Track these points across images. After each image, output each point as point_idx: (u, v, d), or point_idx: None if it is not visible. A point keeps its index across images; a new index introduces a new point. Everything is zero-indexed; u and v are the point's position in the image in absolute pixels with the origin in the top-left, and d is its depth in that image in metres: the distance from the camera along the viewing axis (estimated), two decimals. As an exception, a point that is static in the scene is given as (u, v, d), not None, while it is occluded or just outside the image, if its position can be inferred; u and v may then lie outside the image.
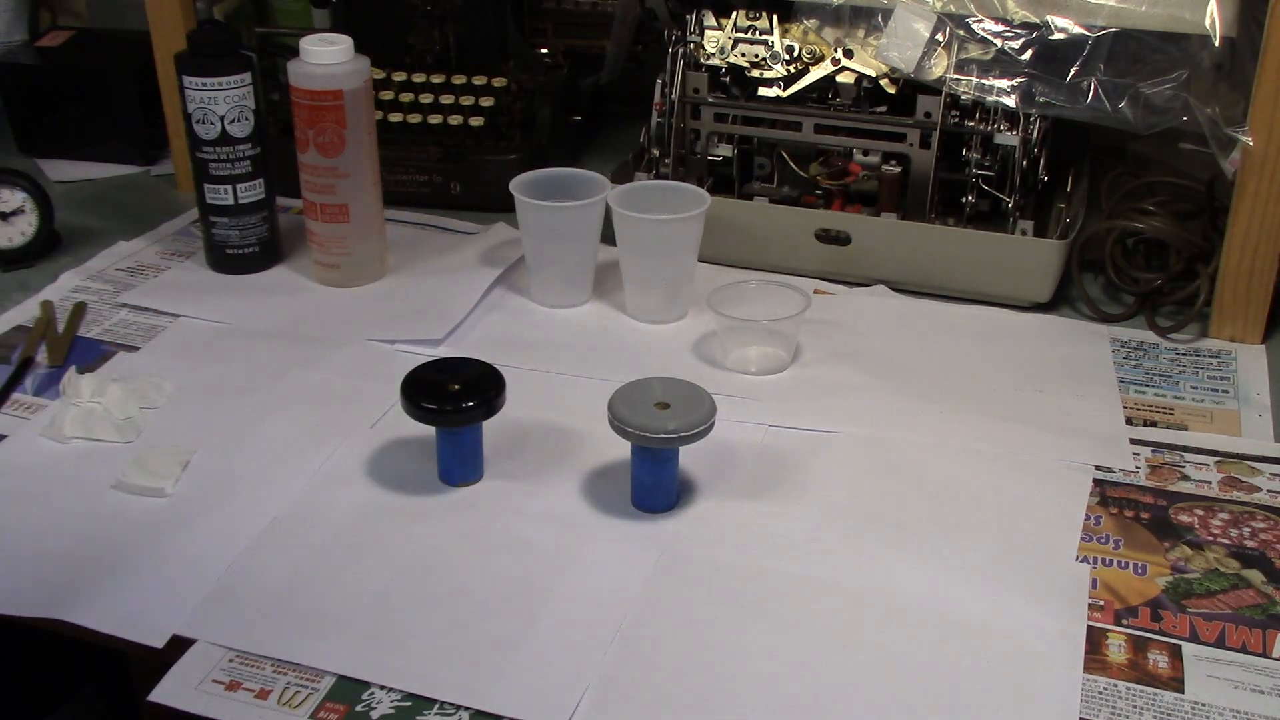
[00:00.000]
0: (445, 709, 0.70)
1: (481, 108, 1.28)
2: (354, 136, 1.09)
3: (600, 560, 0.81)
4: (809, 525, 0.84)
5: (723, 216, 1.13)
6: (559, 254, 1.10)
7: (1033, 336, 1.08)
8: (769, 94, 1.16)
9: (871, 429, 0.94)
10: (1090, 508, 0.87)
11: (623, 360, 1.03)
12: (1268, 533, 0.85)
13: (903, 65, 1.09)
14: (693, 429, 0.81)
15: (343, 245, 1.13)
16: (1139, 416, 0.97)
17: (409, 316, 1.08)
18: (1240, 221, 1.03)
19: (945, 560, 0.81)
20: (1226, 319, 1.07)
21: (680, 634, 0.75)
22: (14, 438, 0.93)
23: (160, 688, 0.71)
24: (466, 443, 0.87)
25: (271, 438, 0.92)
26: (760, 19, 1.15)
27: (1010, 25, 1.08)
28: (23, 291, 1.14)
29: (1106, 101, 1.06)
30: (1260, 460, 0.92)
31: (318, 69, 1.07)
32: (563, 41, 1.43)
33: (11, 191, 1.18)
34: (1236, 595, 0.79)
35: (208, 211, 1.14)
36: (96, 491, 0.87)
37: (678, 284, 1.08)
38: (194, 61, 1.09)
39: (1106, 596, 0.79)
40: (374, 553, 0.82)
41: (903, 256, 1.12)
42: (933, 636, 0.75)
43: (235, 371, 1.01)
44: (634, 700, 0.71)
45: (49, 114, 1.40)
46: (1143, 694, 0.72)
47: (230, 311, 1.10)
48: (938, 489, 0.88)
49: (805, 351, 1.04)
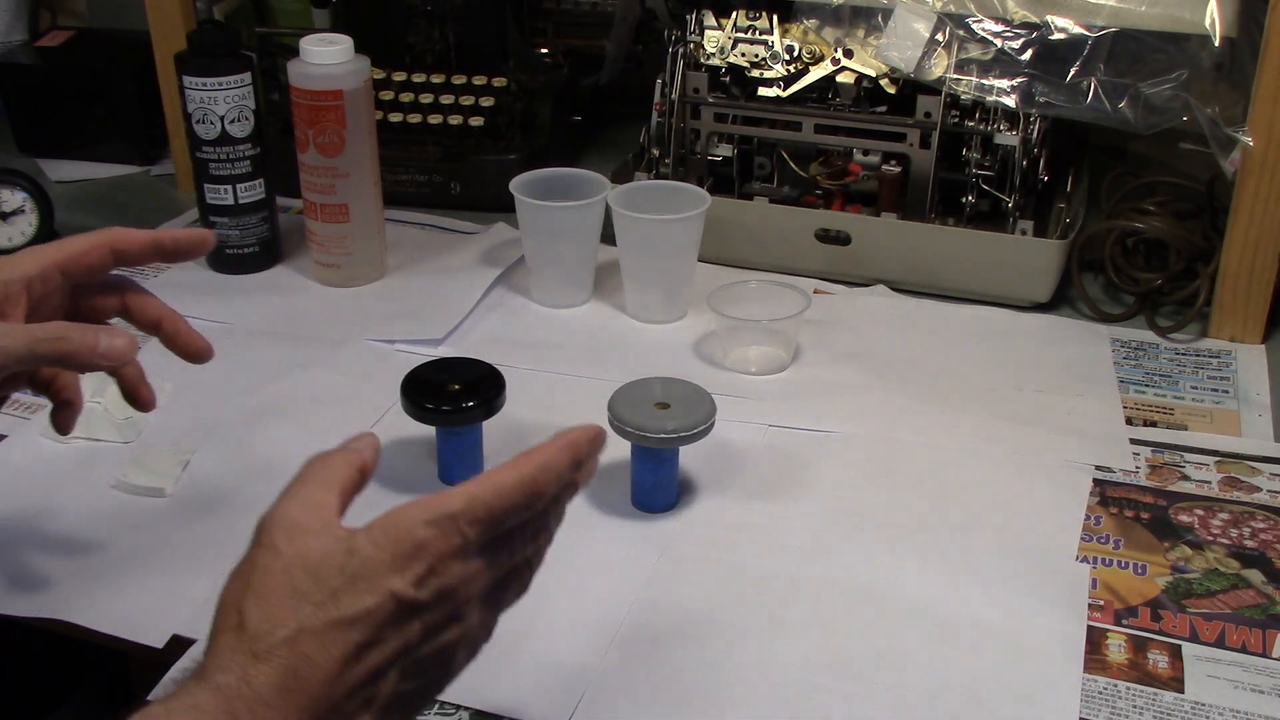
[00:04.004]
0: (445, 709, 0.70)
1: (481, 108, 1.28)
2: (354, 136, 1.09)
3: (600, 560, 0.81)
4: (809, 525, 0.84)
5: (723, 216, 1.13)
6: (559, 254, 1.10)
7: (1033, 336, 1.08)
8: (769, 94, 1.16)
9: (871, 429, 0.94)
10: (1090, 508, 0.87)
11: (623, 360, 1.03)
12: (1268, 533, 0.85)
13: (903, 65, 1.09)
14: (693, 429, 0.81)
15: (343, 245, 1.13)
16: (1139, 416, 0.97)
17: (409, 316, 1.08)
18: (1240, 221, 1.03)
19: (945, 560, 0.81)
20: (1226, 319, 1.07)
21: (680, 634, 0.75)
22: (14, 438, 0.93)
23: (160, 688, 0.71)
24: (466, 443, 0.87)
25: (271, 438, 0.92)
26: (760, 19, 1.15)
27: (1010, 25, 1.08)
28: (23, 291, 1.13)
29: (1106, 101, 1.06)
30: (1260, 460, 0.92)
31: (318, 69, 1.07)
32: (563, 41, 1.43)
33: (11, 191, 1.18)
34: (1236, 595, 0.79)
35: (208, 211, 1.14)
36: (96, 491, 0.87)
37: (678, 284, 1.08)
38: (194, 61, 1.09)
39: (1106, 596, 0.79)
40: (374, 553, 0.81)
41: (903, 256, 1.12)
42: (933, 636, 0.75)
43: (235, 371, 1.01)
44: (634, 700, 0.71)
45: (49, 114, 1.40)
46: (1143, 694, 0.72)
47: (230, 311, 1.10)
48: (938, 489, 0.88)
49: (805, 351, 1.04)
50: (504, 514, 0.57)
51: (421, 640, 0.56)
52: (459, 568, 0.56)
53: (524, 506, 0.57)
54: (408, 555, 0.55)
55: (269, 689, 0.52)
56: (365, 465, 0.60)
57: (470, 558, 0.56)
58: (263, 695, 0.52)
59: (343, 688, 0.53)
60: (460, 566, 0.56)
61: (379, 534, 0.55)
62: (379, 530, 0.55)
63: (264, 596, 0.54)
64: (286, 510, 0.57)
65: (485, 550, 0.57)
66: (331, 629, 0.53)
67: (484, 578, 0.57)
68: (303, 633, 0.53)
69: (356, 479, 0.60)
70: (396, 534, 0.55)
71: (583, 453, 0.59)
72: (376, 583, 0.54)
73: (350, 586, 0.54)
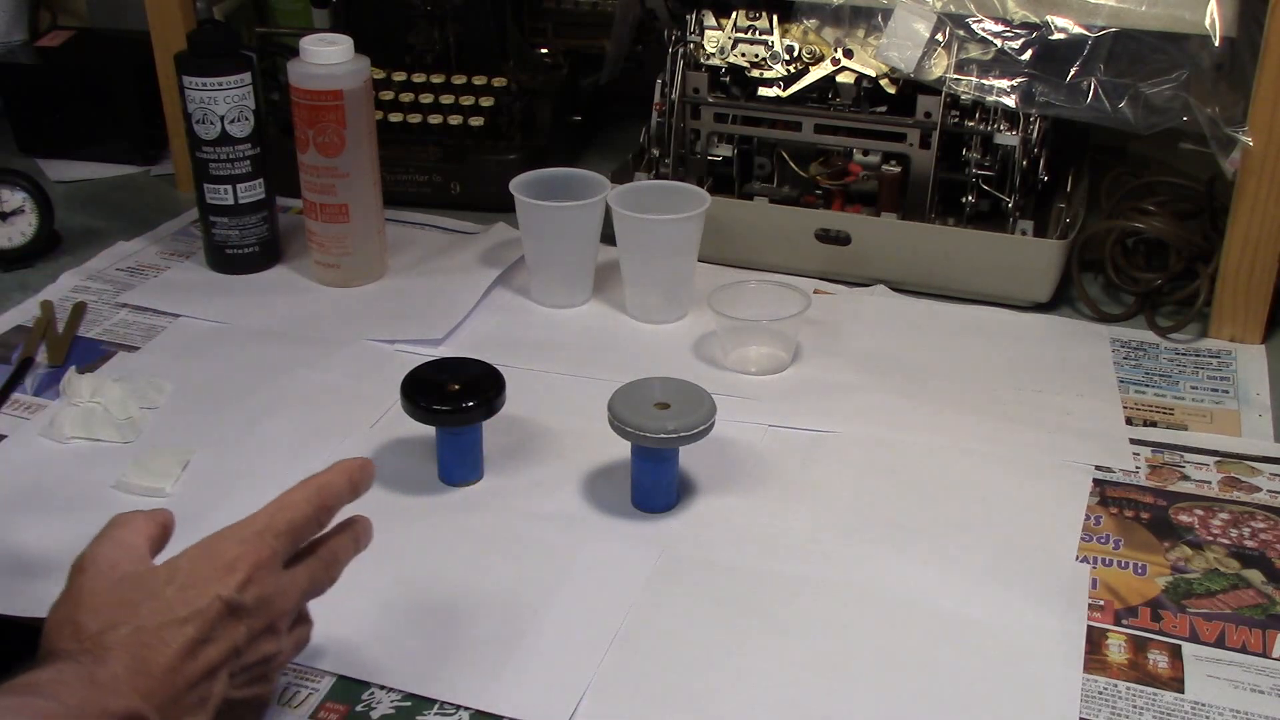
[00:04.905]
0: (445, 709, 0.70)
1: (481, 108, 1.28)
2: (354, 136, 1.09)
3: (600, 560, 0.81)
4: (809, 525, 0.84)
5: (723, 216, 1.13)
6: (559, 254, 1.10)
7: (1033, 336, 1.08)
8: (769, 94, 1.16)
9: (871, 429, 0.94)
10: (1090, 508, 0.87)
11: (623, 360, 1.03)
12: (1268, 533, 0.85)
13: (903, 65, 1.09)
14: (693, 429, 0.81)
15: (343, 245, 1.13)
16: (1139, 416, 0.97)
17: (409, 316, 1.08)
18: (1240, 221, 1.03)
19: (945, 560, 0.81)
20: (1226, 319, 1.07)
21: (680, 634, 0.75)
22: (14, 438, 0.93)
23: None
24: (466, 443, 0.87)
25: (271, 438, 0.92)
26: (760, 19, 1.15)
27: (1010, 25, 1.08)
28: (23, 291, 1.14)
29: (1106, 101, 1.06)
30: (1260, 460, 0.92)
31: (318, 69, 1.07)
32: (563, 41, 1.43)
33: (11, 191, 1.18)
34: (1236, 595, 0.79)
35: (208, 211, 1.14)
36: (96, 491, 0.87)
37: (678, 284, 1.08)
38: (194, 61, 1.09)
39: (1106, 596, 0.79)
40: (374, 553, 0.81)
41: (903, 256, 1.12)
42: (933, 636, 0.75)
43: (235, 371, 1.01)
44: (634, 700, 0.71)
45: (49, 114, 1.40)
46: (1143, 694, 0.72)
47: (230, 311, 1.10)
48: (937, 489, 0.88)
49: (805, 351, 1.04)
50: (301, 525, 0.65)
51: (247, 643, 0.62)
52: (273, 579, 0.63)
53: (314, 519, 0.66)
54: (227, 567, 0.61)
55: (119, 671, 0.56)
56: (167, 522, 0.67)
57: (280, 571, 0.64)
58: (116, 674, 0.56)
59: (183, 680, 0.58)
60: (274, 578, 0.63)
61: (197, 553, 0.62)
62: (196, 551, 0.62)
63: (96, 609, 0.59)
64: (100, 549, 0.63)
65: (290, 566, 0.65)
66: (168, 626, 0.59)
67: (293, 593, 0.64)
68: (141, 630, 0.58)
69: (159, 534, 0.66)
70: (213, 551, 0.62)
71: (355, 475, 0.68)
72: (203, 589, 0.60)
73: (180, 593, 0.60)
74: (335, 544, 0.68)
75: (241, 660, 0.61)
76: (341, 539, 0.68)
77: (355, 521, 0.70)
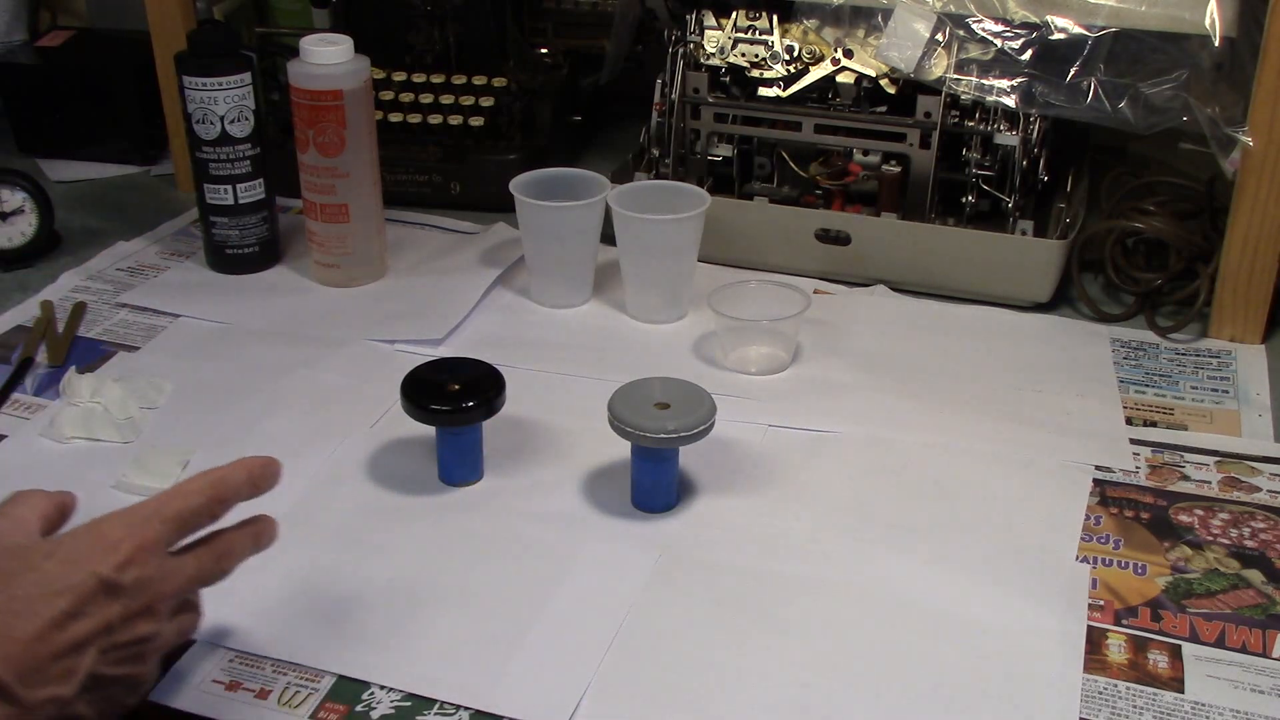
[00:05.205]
0: (445, 709, 0.70)
1: (481, 108, 1.28)
2: (354, 136, 1.09)
3: (600, 560, 0.81)
4: (809, 525, 0.84)
5: (723, 216, 1.13)
6: (559, 254, 1.10)
7: (1033, 336, 1.08)
8: (769, 94, 1.16)
9: (871, 429, 0.94)
10: (1090, 508, 0.87)
11: (623, 360, 1.03)
12: (1268, 533, 0.85)
13: (903, 65, 1.09)
14: (693, 429, 0.81)
15: (343, 245, 1.13)
16: (1139, 416, 0.97)
17: (409, 316, 1.08)
18: (1240, 221, 1.03)
19: (945, 560, 0.81)
20: (1226, 319, 1.07)
21: (680, 634, 0.75)
22: (14, 438, 0.93)
23: (160, 687, 0.71)
24: (466, 443, 0.87)
25: (271, 438, 0.92)
26: (760, 19, 1.15)
27: (1010, 25, 1.08)
28: (23, 291, 1.14)
29: (1106, 101, 1.06)
30: (1260, 460, 0.92)
31: (318, 69, 1.07)
32: (563, 41, 1.43)
33: (11, 191, 1.18)
34: (1236, 595, 0.79)
35: (208, 211, 1.14)
36: (96, 491, 0.87)
37: (678, 284, 1.08)
38: (194, 61, 1.09)
39: (1106, 596, 0.79)
40: (374, 553, 0.82)
41: (903, 256, 1.12)
42: (933, 636, 0.75)
43: (235, 371, 1.01)
44: (634, 700, 0.71)
45: (49, 114, 1.40)
46: (1143, 694, 0.72)
47: (230, 311, 1.10)
48: (937, 489, 0.88)
49: (805, 351, 1.04)
50: (191, 514, 0.65)
51: (121, 623, 0.62)
52: (155, 562, 0.63)
53: (205, 510, 0.66)
54: (110, 547, 0.62)
55: None
56: (66, 503, 0.69)
57: (165, 556, 0.64)
58: None
59: (47, 650, 0.59)
60: (156, 561, 0.63)
61: (82, 532, 0.63)
62: (82, 530, 0.64)
63: None
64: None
65: (179, 554, 0.65)
66: (40, 597, 0.60)
67: (177, 579, 0.65)
68: (13, 599, 0.60)
69: (56, 514, 0.68)
70: (98, 531, 0.63)
71: (256, 472, 0.68)
72: (81, 565, 0.61)
73: (58, 567, 0.61)
74: (232, 537, 0.68)
75: (113, 638, 0.62)
76: (239, 534, 0.69)
77: (259, 520, 0.70)
